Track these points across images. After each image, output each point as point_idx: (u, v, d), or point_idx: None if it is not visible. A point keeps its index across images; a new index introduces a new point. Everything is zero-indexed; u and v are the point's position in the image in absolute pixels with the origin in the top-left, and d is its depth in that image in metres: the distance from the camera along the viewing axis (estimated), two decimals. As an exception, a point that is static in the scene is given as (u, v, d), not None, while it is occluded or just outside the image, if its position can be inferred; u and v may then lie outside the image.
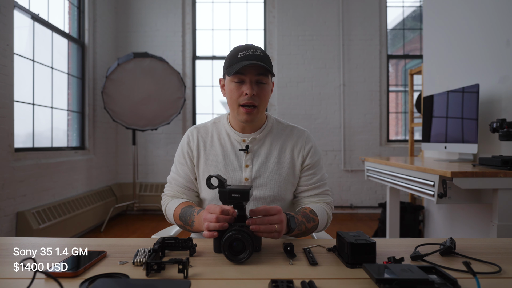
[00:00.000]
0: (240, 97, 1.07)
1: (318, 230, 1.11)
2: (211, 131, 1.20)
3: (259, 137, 1.16)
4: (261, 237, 0.85)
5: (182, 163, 1.19)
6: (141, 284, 0.60)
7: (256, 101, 1.07)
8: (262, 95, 1.08)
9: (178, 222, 1.09)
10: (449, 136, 2.41)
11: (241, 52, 1.05)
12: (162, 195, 1.21)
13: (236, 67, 1.03)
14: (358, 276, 0.71)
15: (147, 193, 4.57)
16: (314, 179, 1.17)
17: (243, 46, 1.08)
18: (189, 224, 1.04)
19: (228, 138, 1.17)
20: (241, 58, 1.05)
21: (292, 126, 1.22)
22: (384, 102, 4.84)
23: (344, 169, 4.74)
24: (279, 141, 1.17)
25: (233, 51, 1.09)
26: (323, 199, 1.17)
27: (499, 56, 2.22)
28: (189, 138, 1.19)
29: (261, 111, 1.11)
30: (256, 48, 1.08)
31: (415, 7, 5.08)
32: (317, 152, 1.19)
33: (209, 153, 1.17)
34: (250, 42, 5.07)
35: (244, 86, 1.06)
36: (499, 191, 1.76)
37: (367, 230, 3.86)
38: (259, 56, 1.05)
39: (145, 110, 4.07)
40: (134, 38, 4.76)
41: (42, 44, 3.41)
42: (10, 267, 0.75)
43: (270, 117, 1.21)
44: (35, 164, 3.06)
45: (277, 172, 1.13)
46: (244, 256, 0.79)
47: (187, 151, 1.18)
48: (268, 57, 1.09)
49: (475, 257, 0.82)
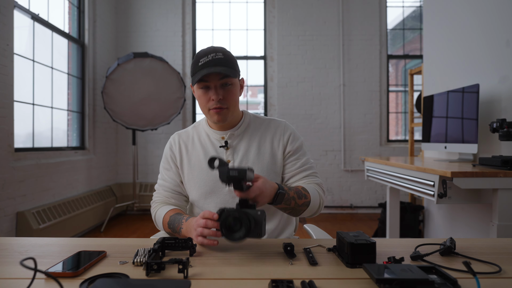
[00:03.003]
0: (208, 103, 1.10)
1: (311, 211, 1.11)
2: (192, 134, 1.23)
3: (237, 133, 1.19)
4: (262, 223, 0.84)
5: (167, 168, 1.22)
6: (141, 284, 0.60)
7: (224, 104, 1.09)
8: (229, 97, 1.10)
9: (167, 230, 1.11)
10: (449, 136, 2.41)
11: (202, 59, 1.06)
12: (151, 203, 1.22)
13: (198, 76, 1.05)
14: (358, 276, 0.71)
15: (147, 193, 4.57)
16: (299, 164, 1.18)
17: (205, 51, 1.08)
18: (177, 231, 1.04)
19: (208, 138, 1.21)
20: (202, 65, 1.05)
21: (269, 119, 1.24)
22: (384, 102, 4.84)
23: (344, 169, 4.74)
24: (257, 134, 1.19)
25: (195, 57, 1.09)
26: (313, 180, 1.18)
27: (499, 56, 2.22)
28: (171, 144, 1.23)
29: (232, 110, 1.13)
30: (216, 51, 1.07)
31: (415, 7, 5.08)
32: (296, 138, 1.21)
33: (191, 154, 1.19)
34: (250, 42, 4.99)
35: (210, 91, 1.09)
36: (499, 191, 1.77)
37: (367, 230, 3.86)
38: (219, 60, 1.06)
39: (145, 110, 4.07)
40: (134, 38, 4.76)
41: (42, 44, 3.41)
42: (10, 267, 0.75)
43: (247, 114, 1.24)
44: (35, 164, 3.06)
45: (258, 163, 1.15)
46: (240, 236, 0.80)
47: (170, 155, 1.21)
48: (230, 58, 1.09)
49: (475, 257, 0.82)
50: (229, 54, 1.10)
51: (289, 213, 1.08)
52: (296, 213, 1.09)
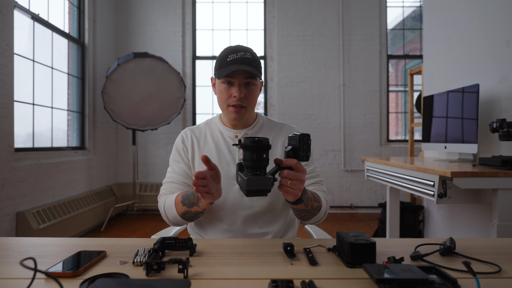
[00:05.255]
0: (229, 99, 1.12)
1: (318, 218, 1.13)
2: (204, 131, 1.24)
3: (251, 133, 1.20)
4: (270, 178, 0.86)
5: (178, 161, 1.21)
6: (141, 284, 0.60)
7: (244, 103, 1.11)
8: (250, 96, 1.12)
9: (182, 209, 1.06)
10: (449, 136, 2.41)
11: (231, 55, 1.08)
12: (158, 197, 1.20)
13: (225, 72, 1.06)
14: (358, 276, 0.71)
15: (147, 193, 4.57)
16: (308, 170, 1.19)
17: (233, 48, 1.11)
18: (195, 203, 1.02)
19: (221, 135, 1.21)
20: (231, 61, 1.08)
21: (282, 124, 1.27)
22: (384, 102, 4.84)
23: (344, 169, 4.74)
24: (270, 136, 1.21)
25: (223, 52, 1.12)
26: (319, 187, 1.20)
27: (499, 56, 2.22)
28: (183, 138, 1.23)
29: (250, 110, 1.15)
30: (245, 50, 1.10)
31: (415, 7, 5.07)
32: None
33: (203, 150, 1.20)
34: (250, 42, 5.00)
35: (233, 88, 1.10)
36: (499, 191, 1.77)
37: (367, 230, 3.86)
38: (248, 60, 1.08)
39: (145, 110, 4.07)
40: (134, 38, 4.76)
41: (42, 44, 3.41)
42: (10, 267, 0.75)
43: (260, 115, 1.26)
44: (35, 164, 3.06)
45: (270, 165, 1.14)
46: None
47: (182, 148, 1.21)
48: (257, 59, 1.12)
49: (475, 257, 0.82)
50: (256, 55, 1.13)
51: (303, 216, 1.08)
52: (309, 217, 1.09)
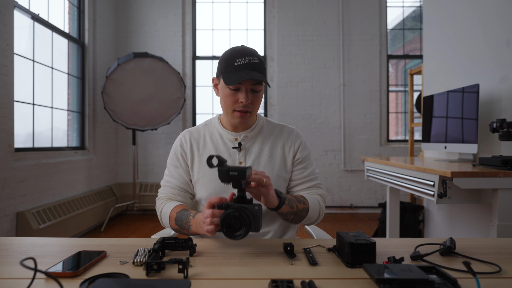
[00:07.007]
0: (235, 104, 1.10)
1: (311, 220, 1.13)
2: (203, 133, 1.22)
3: (251, 135, 1.19)
4: (259, 217, 0.84)
5: (176, 166, 1.20)
6: (141, 284, 0.60)
7: (249, 108, 1.10)
8: (256, 102, 1.12)
9: (174, 226, 1.10)
10: (449, 136, 2.41)
11: (239, 60, 1.05)
12: (157, 199, 1.21)
13: (235, 79, 1.03)
14: (358, 276, 0.71)
15: (147, 193, 4.57)
16: (306, 173, 1.20)
17: (240, 51, 1.07)
18: (185, 228, 1.04)
19: (220, 138, 1.20)
20: (239, 66, 1.05)
21: (282, 125, 1.26)
22: (384, 102, 4.84)
23: (344, 169, 4.74)
24: (270, 138, 1.21)
25: (229, 55, 1.08)
26: (316, 191, 1.20)
27: (499, 56, 2.22)
28: (182, 141, 1.21)
29: (254, 114, 1.15)
30: (252, 54, 1.07)
31: (415, 7, 5.07)
32: (306, 147, 1.23)
33: (203, 153, 1.19)
34: (250, 43, 4.98)
35: (240, 94, 1.08)
36: (499, 191, 1.77)
37: (367, 230, 3.86)
38: (256, 65, 1.06)
39: (145, 110, 4.07)
40: (134, 38, 4.76)
41: (42, 44, 3.41)
42: (10, 267, 0.75)
43: (260, 117, 1.25)
44: (35, 164, 3.06)
45: (269, 167, 1.16)
46: (241, 234, 0.81)
47: (180, 153, 1.20)
48: (263, 64, 1.10)
49: (475, 257, 0.82)
50: (262, 59, 1.11)
51: (292, 219, 1.08)
52: (298, 219, 1.10)
